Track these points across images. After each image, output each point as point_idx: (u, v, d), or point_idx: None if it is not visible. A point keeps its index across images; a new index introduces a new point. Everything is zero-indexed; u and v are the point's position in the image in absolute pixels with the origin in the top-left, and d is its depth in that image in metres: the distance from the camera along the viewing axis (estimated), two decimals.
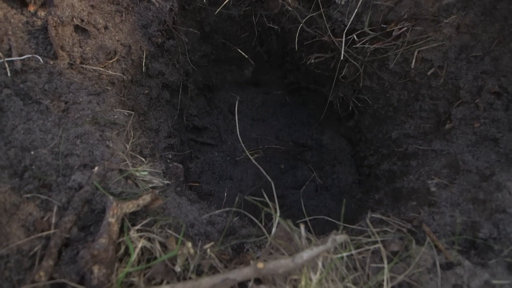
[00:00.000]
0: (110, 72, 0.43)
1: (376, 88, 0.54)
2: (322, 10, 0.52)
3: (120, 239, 0.35)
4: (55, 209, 0.34)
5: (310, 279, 0.31)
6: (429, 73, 0.49)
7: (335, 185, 0.69)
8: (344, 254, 0.32)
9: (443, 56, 0.50)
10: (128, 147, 0.41)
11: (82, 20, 0.43)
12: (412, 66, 0.49)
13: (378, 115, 0.56)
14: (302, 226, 0.34)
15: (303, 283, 0.29)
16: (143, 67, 0.47)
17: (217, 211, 0.45)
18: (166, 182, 0.40)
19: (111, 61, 0.43)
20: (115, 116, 0.43)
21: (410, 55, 0.53)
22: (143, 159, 0.42)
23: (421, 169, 0.47)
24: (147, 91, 0.47)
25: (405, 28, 0.50)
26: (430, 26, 0.50)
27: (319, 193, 0.69)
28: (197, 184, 0.64)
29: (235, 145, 0.70)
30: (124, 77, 0.44)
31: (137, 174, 0.37)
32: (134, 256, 0.32)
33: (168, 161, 0.49)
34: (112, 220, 0.33)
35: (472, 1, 0.50)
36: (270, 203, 0.38)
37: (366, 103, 0.56)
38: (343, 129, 0.68)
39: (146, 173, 0.38)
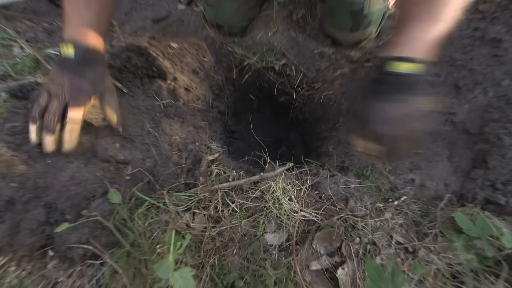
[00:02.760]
0: (198, 106, 0.97)
1: (311, 111, 1.05)
2: (285, 78, 1.05)
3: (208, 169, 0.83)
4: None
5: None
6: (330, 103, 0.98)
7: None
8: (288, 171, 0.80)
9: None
10: (207, 137, 0.94)
11: (188, 85, 0.98)
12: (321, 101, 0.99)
13: (312, 123, 1.05)
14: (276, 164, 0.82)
15: (273, 183, 0.74)
16: (211, 103, 1.01)
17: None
18: (222, 150, 0.91)
19: (199, 101, 0.97)
20: (200, 125, 0.96)
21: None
22: (213, 141, 0.94)
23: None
24: (212, 114, 1.00)
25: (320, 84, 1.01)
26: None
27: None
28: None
29: (249, 138, 1.24)
30: (203, 108, 0.98)
31: (212, 146, 0.89)
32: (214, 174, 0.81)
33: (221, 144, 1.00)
34: (205, 161, 0.84)
35: None
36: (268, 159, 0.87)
37: (308, 117, 1.07)
38: (299, 130, 1.22)
39: (215, 146, 0.90)
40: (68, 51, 0.52)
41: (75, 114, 0.53)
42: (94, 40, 0.54)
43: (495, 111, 0.66)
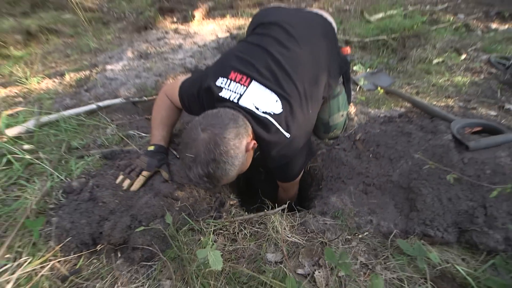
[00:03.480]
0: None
1: (303, 178, 1.44)
2: None
3: (229, 209, 1.16)
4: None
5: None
6: (315, 172, 1.39)
7: None
8: (284, 212, 1.10)
9: None
10: (228, 191, 1.30)
11: None
12: (309, 171, 1.40)
13: (305, 187, 1.42)
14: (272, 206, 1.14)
15: (273, 217, 1.04)
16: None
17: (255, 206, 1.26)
18: (237, 200, 1.26)
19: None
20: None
21: None
22: (232, 194, 1.30)
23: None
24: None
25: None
26: None
27: None
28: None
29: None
30: None
31: (231, 196, 1.24)
32: (233, 212, 1.13)
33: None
34: (227, 204, 1.17)
35: None
36: (268, 201, 1.19)
37: (301, 184, 1.45)
38: None
39: (233, 197, 1.25)
40: (151, 148, 1.05)
41: (145, 174, 0.99)
42: (163, 143, 1.07)
43: (414, 173, 1.04)
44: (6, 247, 0.81)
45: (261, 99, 0.82)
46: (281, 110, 0.83)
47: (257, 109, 0.82)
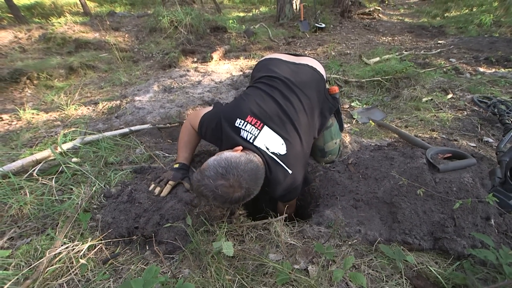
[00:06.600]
0: None
1: (303, 198, 1.63)
2: None
3: (238, 217, 1.36)
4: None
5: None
6: (314, 191, 1.58)
7: None
8: (285, 221, 1.27)
9: None
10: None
11: None
12: (309, 191, 1.60)
13: (304, 205, 1.60)
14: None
15: (276, 224, 1.21)
16: None
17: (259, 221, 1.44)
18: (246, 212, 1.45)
19: None
20: None
21: None
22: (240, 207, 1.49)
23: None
24: None
25: None
26: None
27: None
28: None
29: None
30: None
31: (240, 208, 1.44)
32: (241, 220, 1.33)
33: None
34: (237, 213, 1.36)
35: None
36: (272, 213, 1.37)
37: (301, 202, 1.64)
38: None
39: (242, 209, 1.45)
40: (176, 165, 1.26)
41: (171, 183, 1.21)
42: (185, 161, 1.28)
43: (395, 190, 1.23)
44: (64, 234, 1.03)
45: (271, 142, 1.05)
46: (285, 151, 1.05)
47: (268, 149, 1.05)
